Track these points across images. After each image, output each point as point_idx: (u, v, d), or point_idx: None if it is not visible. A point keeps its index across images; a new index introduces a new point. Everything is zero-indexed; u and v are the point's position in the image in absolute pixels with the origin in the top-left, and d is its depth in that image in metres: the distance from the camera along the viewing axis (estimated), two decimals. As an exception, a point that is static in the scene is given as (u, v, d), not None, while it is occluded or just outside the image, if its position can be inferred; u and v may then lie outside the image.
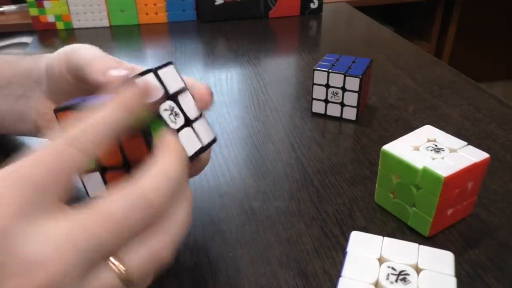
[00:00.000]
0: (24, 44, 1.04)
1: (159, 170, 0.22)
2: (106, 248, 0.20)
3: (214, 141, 0.30)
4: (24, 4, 1.07)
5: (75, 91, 0.33)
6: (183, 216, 0.23)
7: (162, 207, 0.21)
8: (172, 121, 0.26)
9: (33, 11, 0.85)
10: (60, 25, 0.87)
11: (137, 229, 0.21)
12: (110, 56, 0.32)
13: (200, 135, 0.28)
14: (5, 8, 1.09)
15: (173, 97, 0.27)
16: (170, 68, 0.28)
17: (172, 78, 0.27)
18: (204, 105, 0.30)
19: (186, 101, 0.28)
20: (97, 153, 0.21)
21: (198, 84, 0.31)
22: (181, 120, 0.27)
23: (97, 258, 0.20)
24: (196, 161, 0.30)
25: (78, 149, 0.20)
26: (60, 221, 0.19)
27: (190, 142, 0.27)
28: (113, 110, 0.22)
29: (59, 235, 0.19)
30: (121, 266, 0.20)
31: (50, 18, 0.86)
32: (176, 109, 0.27)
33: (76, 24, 0.87)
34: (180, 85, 0.28)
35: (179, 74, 0.28)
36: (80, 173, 0.21)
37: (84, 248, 0.19)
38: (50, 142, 0.20)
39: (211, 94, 0.31)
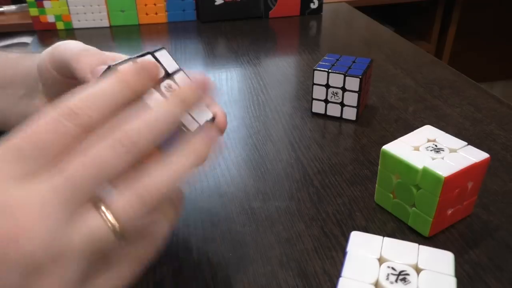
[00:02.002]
0: (24, 44, 1.04)
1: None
2: (88, 188, 0.20)
3: (213, 119, 0.29)
4: (24, 4, 1.07)
5: (65, 87, 0.33)
6: (175, 162, 0.23)
7: (140, 150, 0.21)
8: None
9: (33, 11, 0.85)
10: (60, 25, 0.87)
11: (115, 171, 0.21)
12: (93, 49, 0.32)
13: (196, 116, 0.28)
14: (5, 8, 1.09)
15: (171, 76, 0.28)
16: (164, 52, 0.28)
17: (167, 60, 0.28)
18: (222, 131, 0.30)
19: (182, 80, 0.29)
20: (92, 127, 0.21)
21: (217, 108, 0.30)
22: None
23: (79, 198, 0.20)
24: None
25: (73, 123, 0.20)
26: (46, 174, 0.20)
27: (188, 120, 0.27)
28: (111, 84, 0.22)
29: (40, 182, 0.19)
30: (107, 210, 0.20)
31: (50, 18, 0.86)
32: (175, 87, 0.27)
33: (76, 24, 0.87)
34: (175, 66, 0.29)
35: (172, 57, 0.29)
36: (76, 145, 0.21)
37: (62, 188, 0.19)
38: (45, 114, 0.21)
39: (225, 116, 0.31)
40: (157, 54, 0.28)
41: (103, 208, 0.20)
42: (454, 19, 1.52)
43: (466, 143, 0.35)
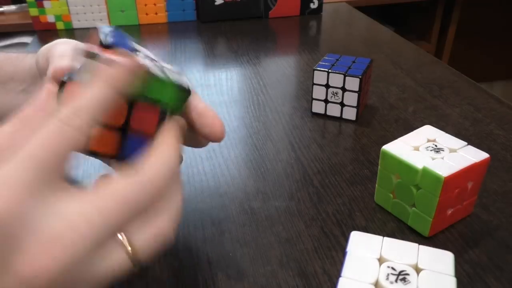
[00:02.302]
0: (24, 44, 1.04)
1: (162, 158, 0.24)
2: (116, 228, 0.21)
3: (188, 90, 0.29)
4: (24, 4, 1.07)
5: None
6: (178, 197, 0.25)
7: (164, 191, 0.23)
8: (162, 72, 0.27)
9: (33, 11, 0.85)
10: (60, 25, 0.87)
11: (143, 210, 0.22)
12: (73, 50, 0.32)
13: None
14: (5, 8, 1.09)
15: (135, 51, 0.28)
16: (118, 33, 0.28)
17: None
18: (219, 140, 0.30)
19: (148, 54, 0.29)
20: (91, 131, 0.22)
21: (210, 113, 0.30)
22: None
23: (108, 236, 0.21)
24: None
25: (74, 128, 0.21)
26: (71, 199, 0.20)
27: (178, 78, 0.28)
28: (100, 88, 0.22)
29: (73, 212, 0.20)
30: (129, 247, 0.22)
31: (50, 18, 0.86)
32: (156, 63, 0.28)
33: (76, 24, 0.87)
34: (134, 44, 0.29)
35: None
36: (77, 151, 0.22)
37: (98, 226, 0.20)
38: (47, 122, 0.21)
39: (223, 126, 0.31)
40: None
41: (127, 244, 0.22)
42: (454, 19, 1.52)
43: (466, 143, 0.35)
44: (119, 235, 0.22)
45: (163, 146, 0.25)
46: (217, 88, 0.61)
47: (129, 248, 0.22)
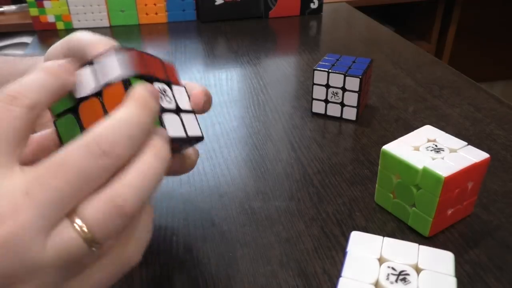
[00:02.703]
0: (24, 44, 1.04)
1: (116, 117, 0.21)
2: (65, 200, 0.20)
3: (200, 138, 0.29)
4: (24, 4, 1.07)
5: None
6: (146, 164, 0.22)
7: (118, 155, 0.21)
8: (161, 99, 0.26)
9: (33, 11, 0.85)
10: (60, 25, 0.87)
11: (95, 178, 0.20)
12: (105, 39, 0.32)
13: (187, 126, 0.28)
14: (5, 8, 1.09)
15: (168, 84, 0.28)
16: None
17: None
18: (198, 105, 0.30)
19: (179, 92, 0.28)
20: (40, 102, 0.22)
21: (194, 84, 0.31)
22: (171, 104, 0.27)
23: (57, 211, 0.19)
24: (183, 158, 0.30)
25: (17, 105, 0.21)
26: (14, 177, 0.19)
27: (174, 126, 0.26)
28: (42, 74, 0.23)
29: (14, 189, 0.19)
30: (79, 221, 0.20)
31: (50, 18, 0.86)
32: (169, 93, 0.27)
33: (76, 24, 0.87)
34: (177, 81, 0.29)
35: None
36: (27, 126, 0.21)
37: (41, 200, 0.19)
38: (81, 143, 0.20)
39: (207, 94, 0.31)
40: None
41: (77, 220, 0.20)
42: (454, 19, 1.52)
43: (466, 143, 0.35)
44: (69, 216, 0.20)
45: (118, 109, 0.22)
46: (217, 88, 0.61)
47: (79, 223, 0.20)
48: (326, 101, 0.51)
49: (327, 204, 0.38)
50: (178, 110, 0.27)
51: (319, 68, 0.50)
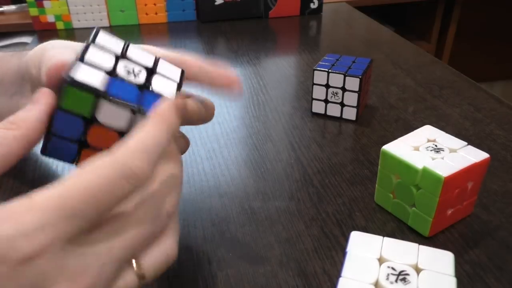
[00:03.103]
0: (24, 44, 1.04)
1: (140, 136, 0.21)
2: (88, 221, 0.20)
3: (183, 72, 0.29)
4: (24, 4, 1.07)
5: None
6: (175, 203, 0.25)
7: (145, 175, 0.21)
8: (136, 78, 0.26)
9: (33, 11, 0.85)
10: (60, 25, 0.87)
11: (121, 197, 0.20)
12: (61, 45, 0.32)
13: (169, 76, 0.28)
14: (5, 8, 1.09)
15: (123, 56, 0.27)
16: (102, 34, 0.27)
17: (110, 42, 0.27)
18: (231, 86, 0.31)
19: (136, 53, 0.28)
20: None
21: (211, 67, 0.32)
22: (143, 74, 0.27)
23: (129, 259, 0.22)
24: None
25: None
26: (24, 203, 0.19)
27: (165, 85, 0.27)
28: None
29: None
30: (138, 268, 0.22)
31: (50, 18, 0.86)
32: (133, 66, 0.27)
33: (76, 24, 0.87)
34: (121, 44, 0.28)
35: (113, 36, 0.28)
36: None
37: (118, 250, 0.21)
38: (100, 167, 0.20)
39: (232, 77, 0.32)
40: (98, 41, 0.27)
41: (134, 265, 0.22)
42: (454, 19, 1.52)
43: (466, 143, 0.35)
44: (133, 261, 0.22)
45: (146, 127, 0.22)
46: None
47: (139, 270, 0.22)
48: (326, 101, 0.51)
49: (327, 204, 0.38)
50: (152, 71, 0.27)
51: (319, 68, 0.50)
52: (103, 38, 0.27)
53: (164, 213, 0.23)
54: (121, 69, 0.26)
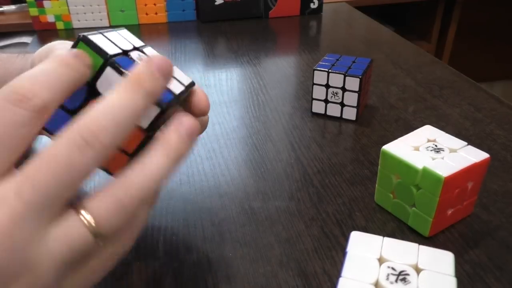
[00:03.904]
0: (24, 44, 1.04)
1: (102, 103, 0.20)
2: (57, 193, 0.19)
3: (192, 83, 0.29)
4: (24, 4, 1.07)
5: None
6: (153, 163, 0.21)
7: (104, 144, 0.20)
8: None
9: (33, 11, 0.85)
10: (60, 25, 0.87)
11: (83, 169, 0.19)
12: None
13: (179, 78, 0.27)
14: (5, 8, 1.09)
15: (139, 49, 0.27)
16: (127, 31, 0.28)
17: (132, 37, 0.28)
18: (201, 111, 0.29)
19: (151, 53, 0.28)
20: (47, 109, 0.20)
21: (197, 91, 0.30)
22: None
23: (51, 206, 0.19)
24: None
25: (27, 109, 0.19)
26: (7, 181, 0.19)
27: (173, 84, 0.26)
28: (54, 64, 0.21)
29: (6, 192, 0.19)
30: (86, 215, 0.20)
31: (50, 18, 0.86)
32: (143, 56, 0.27)
33: (76, 24, 0.87)
34: (140, 42, 0.28)
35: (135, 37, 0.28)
36: (31, 132, 0.20)
37: (31, 197, 0.19)
38: (66, 135, 0.19)
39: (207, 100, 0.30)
40: (117, 32, 0.27)
41: (83, 213, 0.20)
42: (454, 18, 1.52)
43: (466, 143, 0.35)
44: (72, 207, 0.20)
45: (109, 93, 0.21)
46: (217, 88, 0.61)
47: (87, 217, 0.20)
48: (326, 101, 0.51)
49: (327, 204, 0.38)
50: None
51: (319, 68, 0.50)
52: (128, 33, 0.28)
53: (95, 144, 0.20)
54: (134, 54, 0.26)
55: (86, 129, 0.19)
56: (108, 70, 0.23)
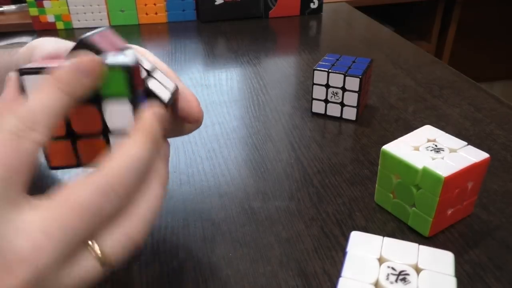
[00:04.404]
0: (24, 44, 1.04)
1: (124, 153, 0.22)
2: (80, 236, 0.21)
3: (176, 88, 0.29)
4: (24, 4, 1.07)
5: None
6: (154, 196, 0.24)
7: (129, 193, 0.22)
8: None
9: (33, 11, 0.85)
10: (60, 25, 0.87)
11: (108, 214, 0.21)
12: (67, 47, 0.31)
13: (164, 83, 0.28)
14: (5, 8, 1.09)
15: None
16: (107, 31, 0.28)
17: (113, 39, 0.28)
18: (195, 120, 0.30)
19: (139, 56, 0.28)
20: (47, 138, 0.21)
21: (186, 91, 0.30)
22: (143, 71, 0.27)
23: (73, 246, 0.20)
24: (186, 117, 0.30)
25: (29, 139, 0.20)
26: (31, 213, 0.20)
27: (161, 90, 0.27)
28: (52, 94, 0.22)
29: (34, 228, 0.19)
30: (98, 251, 0.21)
31: (50, 18, 0.86)
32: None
33: (76, 24, 0.87)
34: (124, 44, 0.28)
35: (119, 37, 0.28)
36: (35, 160, 0.21)
37: (59, 239, 0.20)
38: (92, 180, 0.21)
39: (199, 106, 0.30)
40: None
41: (96, 249, 0.21)
42: (454, 18, 1.52)
43: (466, 143, 0.35)
44: (90, 243, 0.21)
45: (128, 143, 0.23)
46: (217, 88, 0.61)
47: (99, 253, 0.21)
48: (326, 101, 0.51)
49: (327, 204, 0.38)
50: (149, 73, 0.27)
51: (319, 68, 0.50)
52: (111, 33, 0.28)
53: (117, 194, 0.22)
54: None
55: (117, 182, 0.21)
56: None
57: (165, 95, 0.27)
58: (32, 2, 0.84)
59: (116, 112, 0.24)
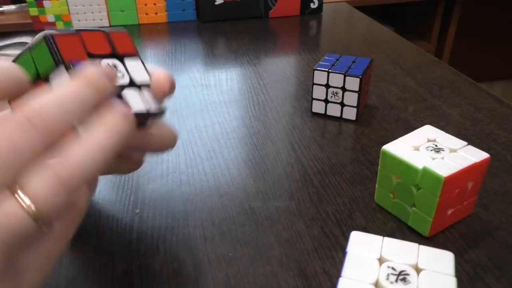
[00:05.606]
0: (24, 44, 1.04)
1: (55, 93, 0.21)
2: None
3: (162, 112, 0.28)
4: (24, 4, 1.07)
5: None
6: (92, 142, 0.21)
7: (51, 127, 0.20)
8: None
9: (33, 11, 0.85)
10: (60, 25, 0.87)
11: (28, 151, 0.19)
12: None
13: (148, 101, 0.27)
14: (5, 8, 1.09)
15: (120, 58, 0.27)
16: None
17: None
18: (161, 93, 0.29)
19: (133, 65, 0.28)
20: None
21: (159, 71, 0.29)
22: (124, 79, 0.27)
23: None
24: (156, 135, 0.29)
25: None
26: None
27: (134, 101, 0.26)
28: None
29: None
30: (20, 192, 0.19)
31: (50, 18, 0.86)
32: (121, 67, 0.27)
33: (76, 24, 0.87)
34: (131, 50, 0.28)
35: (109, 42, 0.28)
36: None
37: None
38: (9, 116, 0.19)
39: (171, 81, 0.29)
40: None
41: (20, 193, 0.19)
42: (454, 18, 1.52)
43: (466, 143, 0.35)
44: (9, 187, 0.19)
45: (62, 86, 0.22)
46: (217, 88, 0.61)
47: (21, 194, 0.19)
48: (326, 101, 0.51)
49: (327, 204, 0.38)
50: (132, 84, 0.27)
51: (319, 68, 0.50)
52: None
53: (33, 131, 0.20)
54: (107, 60, 0.26)
55: (38, 115, 0.20)
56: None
57: (138, 106, 0.26)
58: (32, 2, 0.84)
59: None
